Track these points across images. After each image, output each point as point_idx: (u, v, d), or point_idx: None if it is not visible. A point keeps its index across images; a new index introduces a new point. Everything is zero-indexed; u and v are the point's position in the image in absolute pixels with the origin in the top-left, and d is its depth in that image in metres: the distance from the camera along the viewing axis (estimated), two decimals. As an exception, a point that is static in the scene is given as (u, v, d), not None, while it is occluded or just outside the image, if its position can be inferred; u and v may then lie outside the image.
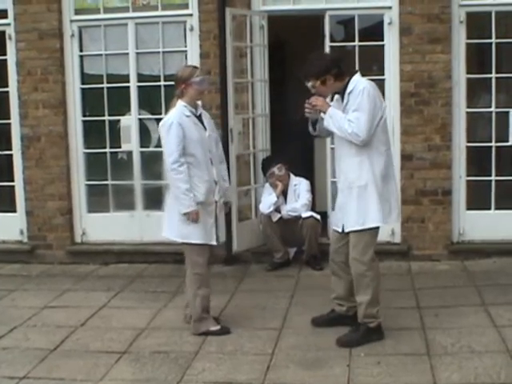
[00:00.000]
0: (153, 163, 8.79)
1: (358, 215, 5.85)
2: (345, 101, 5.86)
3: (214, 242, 6.32)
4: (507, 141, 8.41)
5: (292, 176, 8.67)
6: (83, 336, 6.42)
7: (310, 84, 5.88)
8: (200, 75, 6.21)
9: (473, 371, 5.27)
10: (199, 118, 6.26)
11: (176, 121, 6.07)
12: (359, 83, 5.85)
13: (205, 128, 6.24)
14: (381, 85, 8.44)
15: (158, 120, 7.78)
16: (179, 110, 6.15)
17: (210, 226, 6.26)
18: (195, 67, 6.40)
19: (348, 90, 5.84)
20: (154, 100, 8.83)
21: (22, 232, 9.18)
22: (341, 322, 6.23)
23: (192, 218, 6.09)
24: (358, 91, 5.74)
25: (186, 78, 6.15)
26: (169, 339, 6.23)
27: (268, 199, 8.46)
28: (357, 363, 5.54)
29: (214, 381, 5.37)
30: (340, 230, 6.02)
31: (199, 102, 6.39)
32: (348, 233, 5.95)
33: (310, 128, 6.24)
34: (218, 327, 6.33)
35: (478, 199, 8.57)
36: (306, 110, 6.00)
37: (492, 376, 5.17)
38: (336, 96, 6.08)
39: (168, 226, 6.34)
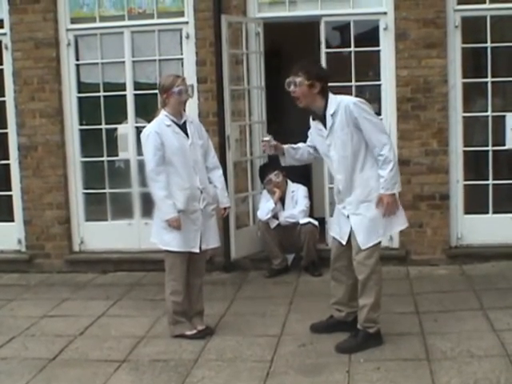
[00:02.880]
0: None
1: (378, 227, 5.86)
2: (329, 123, 5.79)
3: (196, 250, 6.34)
4: (504, 145, 8.44)
5: (289, 182, 8.70)
6: (82, 345, 6.41)
7: (298, 79, 5.78)
8: (181, 85, 6.20)
9: (472, 376, 5.27)
10: (182, 126, 6.29)
11: (154, 130, 6.16)
12: (341, 100, 5.78)
13: (187, 136, 6.27)
14: (377, 90, 8.52)
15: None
16: (159, 120, 6.24)
17: (193, 234, 6.31)
18: (177, 76, 6.37)
19: (331, 112, 5.76)
20: (150, 108, 8.63)
21: (19, 241, 9.19)
22: (340, 328, 6.23)
23: (172, 224, 6.17)
24: (350, 110, 5.69)
25: (168, 87, 6.18)
26: (168, 347, 6.22)
27: (266, 206, 8.48)
28: (356, 369, 5.54)
29: (214, 388, 5.38)
30: (344, 243, 6.00)
31: (184, 111, 6.42)
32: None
33: (281, 161, 6.37)
34: (193, 332, 6.39)
35: (475, 203, 8.60)
36: (263, 148, 6.20)
37: (492, 380, 5.17)
38: (313, 122, 6.03)
39: (154, 231, 6.45)
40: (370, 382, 5.31)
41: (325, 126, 5.85)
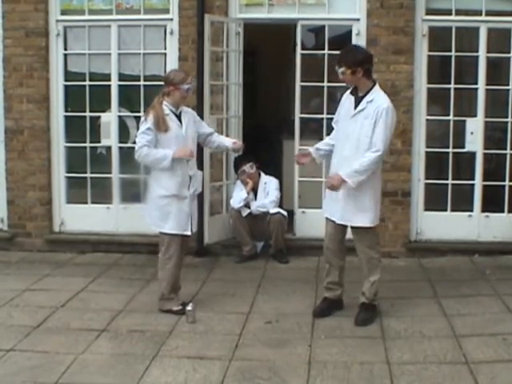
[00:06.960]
0: (130, 158, 8.76)
1: (373, 212, 6.46)
2: (361, 106, 6.32)
3: (188, 233, 6.80)
4: (463, 147, 8.82)
5: (262, 174, 9.04)
6: (64, 316, 6.76)
7: (341, 70, 6.31)
8: (190, 83, 6.69)
9: (422, 353, 5.76)
10: (178, 116, 6.73)
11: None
12: (382, 98, 6.34)
13: (181, 126, 6.71)
14: (348, 91, 8.89)
15: (137, 117, 8.25)
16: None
17: (185, 218, 6.74)
18: (188, 75, 6.87)
19: (368, 98, 6.32)
20: (133, 99, 9.09)
21: (2, 220, 9.38)
22: (336, 306, 6.78)
23: (183, 155, 6.60)
24: (382, 109, 6.23)
25: (178, 82, 6.62)
26: (144, 320, 6.61)
27: (239, 195, 8.80)
28: (318, 344, 6.00)
29: (187, 356, 5.77)
30: (337, 222, 6.53)
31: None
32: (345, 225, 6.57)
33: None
34: (179, 307, 6.78)
35: (434, 201, 8.94)
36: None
37: (439, 357, 5.66)
38: (348, 95, 6.55)
39: (148, 214, 6.85)
40: (329, 354, 5.77)
41: (355, 105, 6.39)
